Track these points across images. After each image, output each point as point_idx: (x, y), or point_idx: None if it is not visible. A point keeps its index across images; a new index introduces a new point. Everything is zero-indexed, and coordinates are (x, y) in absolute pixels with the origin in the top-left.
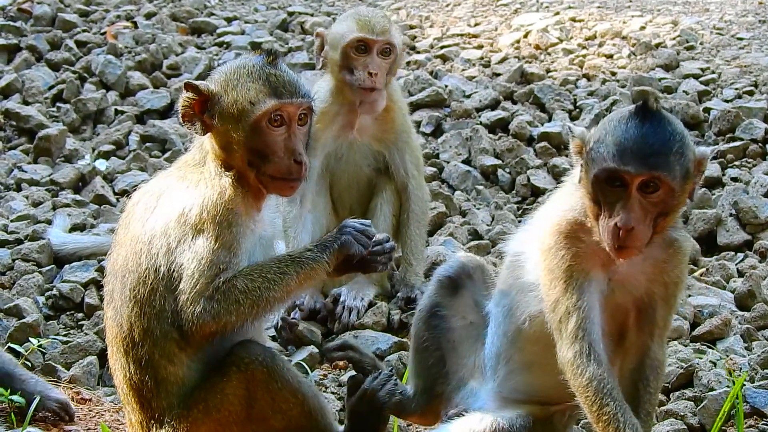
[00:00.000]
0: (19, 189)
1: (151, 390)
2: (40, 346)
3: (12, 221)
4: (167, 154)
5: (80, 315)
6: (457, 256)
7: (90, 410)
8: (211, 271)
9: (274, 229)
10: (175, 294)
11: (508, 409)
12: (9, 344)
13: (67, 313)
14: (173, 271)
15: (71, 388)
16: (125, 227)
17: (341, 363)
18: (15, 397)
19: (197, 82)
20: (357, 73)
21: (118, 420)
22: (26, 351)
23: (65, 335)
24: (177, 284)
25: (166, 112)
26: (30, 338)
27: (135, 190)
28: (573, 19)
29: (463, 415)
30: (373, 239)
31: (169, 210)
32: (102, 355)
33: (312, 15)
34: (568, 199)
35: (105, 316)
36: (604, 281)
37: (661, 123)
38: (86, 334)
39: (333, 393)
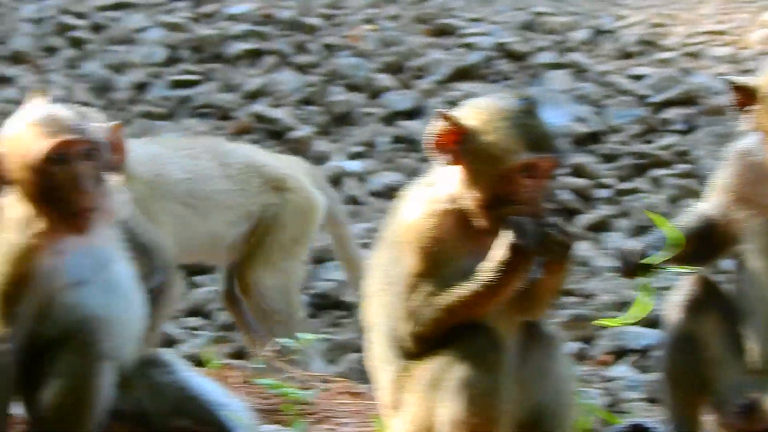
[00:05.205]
0: None
1: None
2: (305, 342)
3: None
4: (417, 155)
5: (340, 313)
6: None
7: (363, 404)
8: None
9: None
10: None
11: None
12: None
13: (328, 310)
14: None
15: (341, 383)
16: None
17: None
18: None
19: None
20: None
21: None
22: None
23: (326, 333)
24: None
25: (413, 114)
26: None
27: (387, 190)
28: None
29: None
30: None
31: None
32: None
33: (556, 15)
34: None
35: None
36: None
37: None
38: (348, 331)
39: None
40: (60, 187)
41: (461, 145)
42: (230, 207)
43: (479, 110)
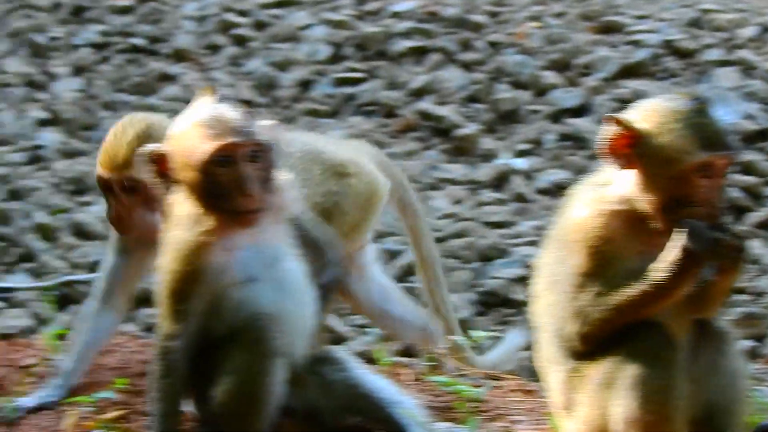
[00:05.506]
0: (437, 188)
1: None
2: (476, 339)
3: (438, 219)
4: (584, 152)
5: (509, 311)
6: None
7: (536, 401)
8: None
9: None
10: None
11: None
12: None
13: (496, 308)
14: None
15: (513, 380)
16: None
17: None
18: None
19: None
20: None
21: None
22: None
23: (495, 330)
24: None
25: (580, 111)
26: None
27: (554, 188)
28: None
29: None
30: None
31: None
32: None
33: (724, 12)
34: None
35: None
36: None
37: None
38: (518, 329)
39: None
40: (225, 188)
41: (635, 148)
42: None
43: (650, 112)
